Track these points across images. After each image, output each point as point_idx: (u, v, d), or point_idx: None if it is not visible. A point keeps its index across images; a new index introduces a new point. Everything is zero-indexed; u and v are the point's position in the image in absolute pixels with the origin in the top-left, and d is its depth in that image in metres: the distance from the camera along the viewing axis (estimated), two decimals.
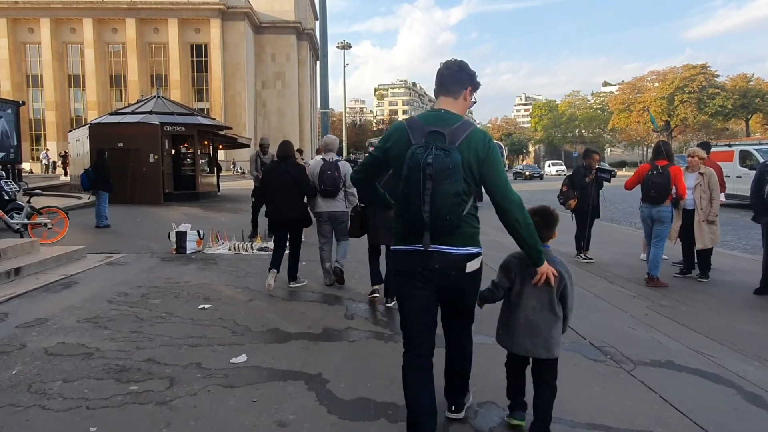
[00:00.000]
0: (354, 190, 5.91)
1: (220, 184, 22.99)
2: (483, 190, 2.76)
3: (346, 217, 6.20)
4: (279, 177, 6.10)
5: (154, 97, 19.97)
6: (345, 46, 50.86)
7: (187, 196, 18.91)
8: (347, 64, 55.64)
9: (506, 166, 19.79)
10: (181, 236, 8.54)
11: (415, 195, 2.40)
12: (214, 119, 22.01)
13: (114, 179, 18.24)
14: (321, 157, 6.45)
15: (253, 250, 8.83)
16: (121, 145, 17.67)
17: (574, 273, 3.14)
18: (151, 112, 18.43)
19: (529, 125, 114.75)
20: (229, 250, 8.80)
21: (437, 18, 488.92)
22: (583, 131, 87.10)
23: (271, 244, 9.09)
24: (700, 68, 64.93)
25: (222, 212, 15.43)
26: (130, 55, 52.66)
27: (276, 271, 6.20)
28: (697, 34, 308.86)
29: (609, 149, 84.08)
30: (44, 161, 34.21)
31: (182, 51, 53.02)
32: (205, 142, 19.51)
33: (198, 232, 8.75)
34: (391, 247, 2.77)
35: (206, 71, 53.84)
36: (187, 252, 8.50)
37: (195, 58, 54.09)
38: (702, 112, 63.94)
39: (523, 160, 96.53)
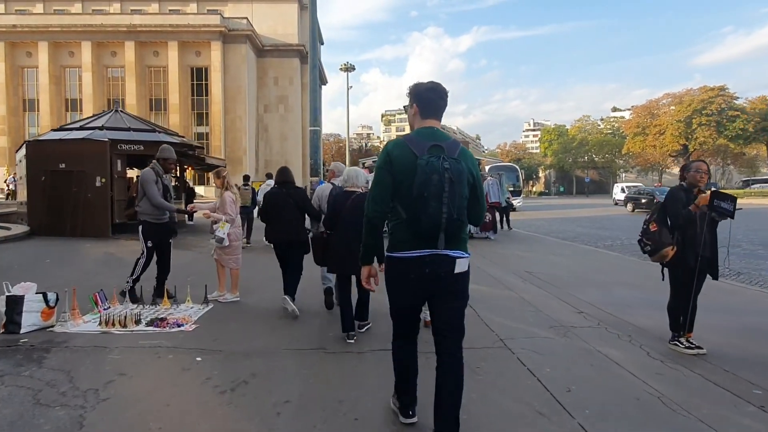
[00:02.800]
0: None
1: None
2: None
3: None
4: (282, 201, 6.09)
5: (113, 111, 16.82)
6: (348, 69, 47.99)
7: None
8: (351, 87, 52.93)
9: (521, 190, 16.87)
10: (15, 304, 5.09)
11: (435, 197, 2.58)
12: (183, 137, 18.84)
13: (54, 207, 15.18)
14: (329, 181, 6.38)
15: (138, 324, 5.35)
16: (63, 166, 14.43)
17: (672, 376, 3.64)
18: (102, 128, 15.22)
19: (538, 150, 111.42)
20: (99, 325, 5.32)
21: (446, 46, 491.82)
22: (595, 156, 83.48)
23: (179, 311, 5.81)
24: (718, 90, 61.51)
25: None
26: (129, 78, 50.30)
27: (291, 296, 6.01)
28: (706, 60, 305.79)
29: (623, 174, 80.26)
30: (11, 186, 31.28)
31: (182, 74, 50.59)
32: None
33: (45, 296, 5.28)
34: (394, 254, 2.80)
35: (206, 95, 51.29)
36: (23, 330, 5.02)
37: (195, 82, 51.61)
38: (722, 135, 60.24)
39: (533, 186, 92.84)
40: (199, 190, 44.45)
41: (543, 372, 4.14)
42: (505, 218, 17.76)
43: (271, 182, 9.33)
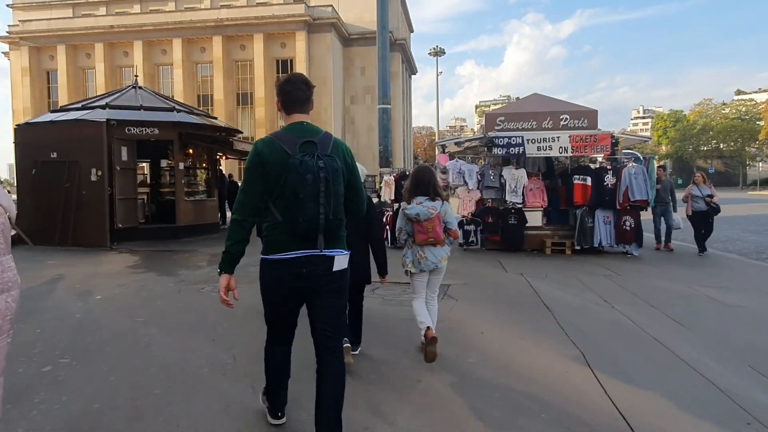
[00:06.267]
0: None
1: None
2: None
3: None
4: None
5: (130, 87, 13.33)
6: (438, 53, 43.26)
7: (159, 233, 11.89)
8: (441, 72, 48.07)
9: (657, 182, 11.62)
10: None
11: (311, 198, 2.40)
12: (216, 118, 15.05)
13: (43, 207, 11.72)
14: None
15: None
16: (55, 155, 11.05)
17: None
18: (106, 106, 11.68)
19: (649, 140, 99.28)
20: None
21: (547, 32, 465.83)
22: (722, 144, 71.63)
23: None
24: None
25: (173, 269, 8.06)
26: (216, 73, 48.91)
27: None
28: None
29: (760, 164, 68.04)
30: None
31: (267, 67, 48.33)
32: (189, 151, 12.39)
33: None
34: (270, 257, 2.53)
35: None
36: None
37: (280, 74, 48.86)
38: None
39: None
40: None
41: None
42: (703, 233, 10.14)
43: None
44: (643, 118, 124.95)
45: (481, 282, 7.24)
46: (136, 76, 14.55)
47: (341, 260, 2.59)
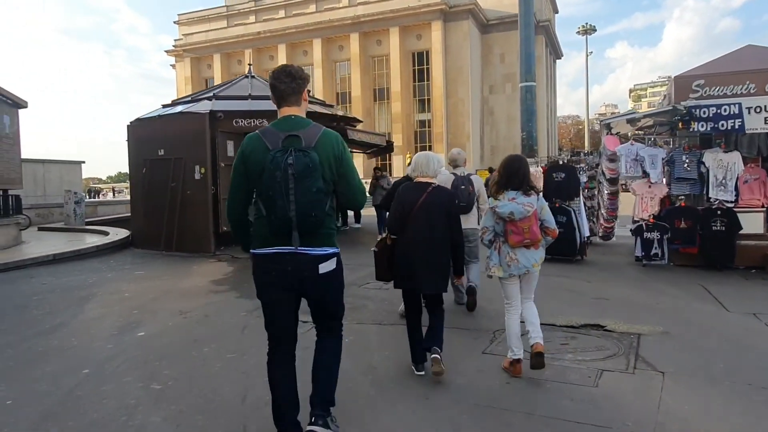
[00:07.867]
0: (487, 207, 5.19)
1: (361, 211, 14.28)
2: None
3: (477, 234, 4.91)
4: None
5: (243, 77, 12.26)
6: (588, 30, 38.48)
7: None
8: (591, 53, 43.00)
9: None
10: None
11: (280, 195, 2.36)
12: (332, 106, 13.38)
13: (151, 208, 10.29)
14: (451, 171, 5.36)
15: None
16: (162, 152, 10.23)
17: None
18: (213, 97, 10.62)
19: None
20: None
21: (715, 3, 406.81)
22: None
23: None
24: None
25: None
26: (353, 70, 48.95)
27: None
28: None
29: None
30: None
31: (403, 60, 47.15)
32: None
33: None
34: (253, 251, 2.55)
35: (427, 80, 47.00)
36: None
37: (416, 67, 47.74)
38: None
39: None
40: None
41: None
42: None
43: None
44: None
45: (694, 331, 4.49)
46: (250, 64, 13.44)
47: (327, 264, 2.51)
